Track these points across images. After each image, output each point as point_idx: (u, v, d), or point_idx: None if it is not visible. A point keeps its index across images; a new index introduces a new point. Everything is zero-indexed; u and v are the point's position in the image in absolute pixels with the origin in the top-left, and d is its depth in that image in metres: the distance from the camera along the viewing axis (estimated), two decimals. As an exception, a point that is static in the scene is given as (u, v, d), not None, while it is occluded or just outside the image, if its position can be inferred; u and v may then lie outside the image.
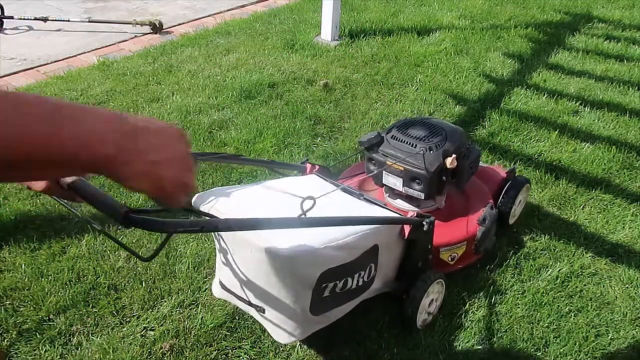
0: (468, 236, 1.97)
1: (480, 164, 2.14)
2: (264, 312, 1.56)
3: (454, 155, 1.84)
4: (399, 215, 1.70)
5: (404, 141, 1.90)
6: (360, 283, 1.59)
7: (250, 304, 1.58)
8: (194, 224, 1.06)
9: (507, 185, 2.18)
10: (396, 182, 1.91)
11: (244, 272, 1.55)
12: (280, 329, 1.56)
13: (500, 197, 2.16)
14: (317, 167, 1.97)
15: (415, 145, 1.87)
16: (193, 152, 1.35)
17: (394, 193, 1.99)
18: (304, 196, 1.39)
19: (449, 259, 1.97)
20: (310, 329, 1.58)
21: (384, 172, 1.93)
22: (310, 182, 1.80)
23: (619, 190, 2.58)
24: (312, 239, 1.40)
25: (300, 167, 1.95)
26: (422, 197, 1.88)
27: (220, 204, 1.49)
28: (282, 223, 1.29)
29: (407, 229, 1.67)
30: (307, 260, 1.40)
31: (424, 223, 1.69)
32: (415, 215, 1.72)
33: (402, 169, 1.86)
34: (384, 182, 1.96)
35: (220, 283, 1.70)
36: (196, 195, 1.53)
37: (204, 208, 1.49)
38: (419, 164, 1.83)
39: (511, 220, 2.24)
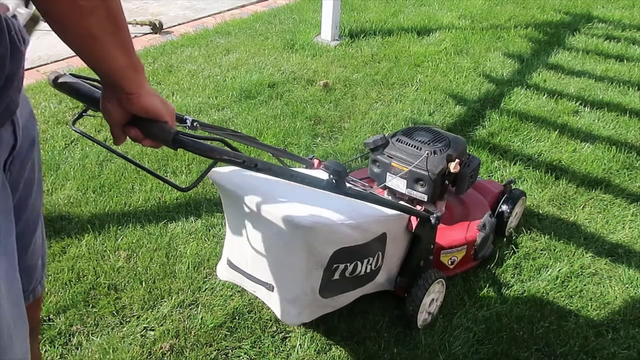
0: (468, 240, 2.01)
1: (478, 178, 2.20)
2: (272, 290, 1.58)
3: (457, 160, 1.89)
4: (410, 206, 1.79)
5: (409, 144, 1.94)
6: (368, 270, 1.64)
7: (259, 281, 1.61)
8: (238, 156, 1.08)
9: (504, 198, 2.23)
10: (400, 184, 1.94)
11: (257, 247, 1.58)
12: (287, 309, 1.58)
13: (498, 208, 2.21)
14: (323, 163, 2.01)
15: (420, 148, 1.92)
16: (213, 126, 1.37)
17: (396, 197, 2.01)
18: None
19: (449, 263, 2.00)
20: (317, 312, 1.62)
21: (387, 174, 1.96)
22: (322, 174, 1.83)
23: (619, 190, 2.58)
24: (329, 215, 1.46)
25: (308, 161, 2.01)
26: (425, 199, 1.91)
27: (248, 181, 1.53)
28: (317, 183, 1.34)
29: (414, 222, 1.75)
30: (325, 233, 1.45)
31: (432, 217, 1.76)
32: (423, 209, 1.81)
33: (407, 170, 1.89)
34: (387, 184, 1.99)
35: (229, 262, 1.72)
36: (221, 172, 1.56)
37: (231, 184, 1.54)
38: (424, 165, 1.88)
39: (506, 233, 2.27)
